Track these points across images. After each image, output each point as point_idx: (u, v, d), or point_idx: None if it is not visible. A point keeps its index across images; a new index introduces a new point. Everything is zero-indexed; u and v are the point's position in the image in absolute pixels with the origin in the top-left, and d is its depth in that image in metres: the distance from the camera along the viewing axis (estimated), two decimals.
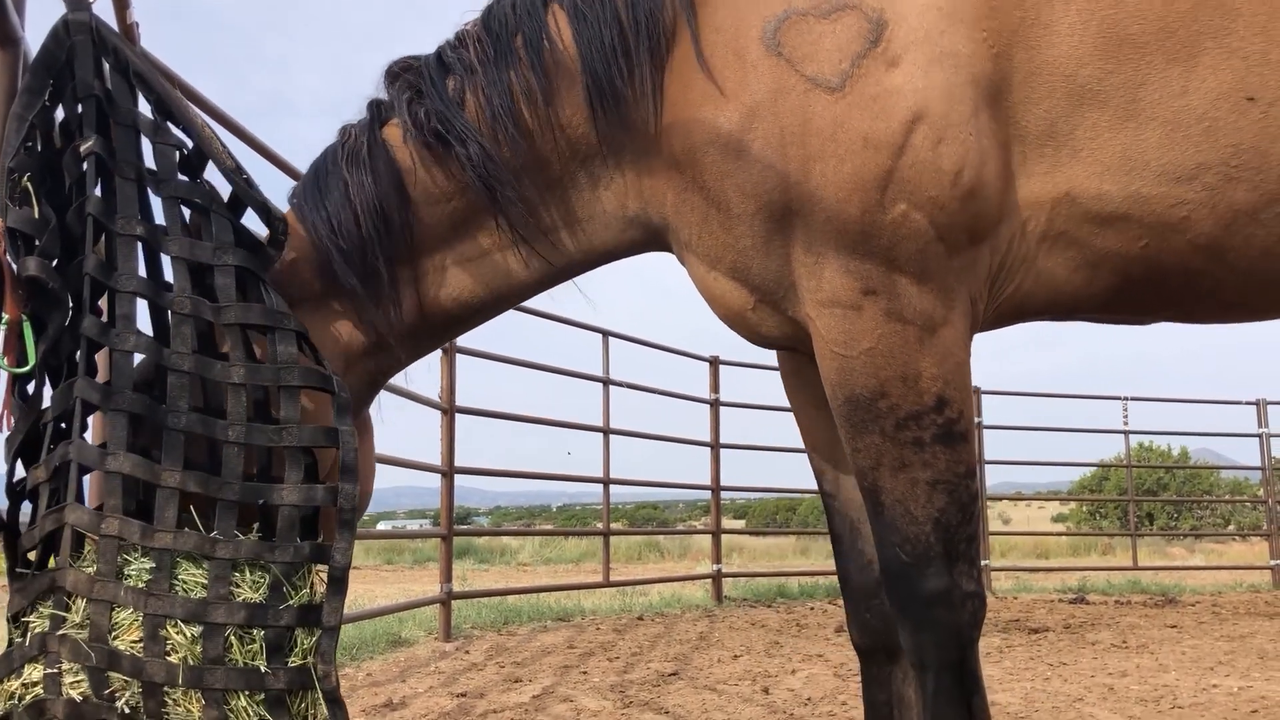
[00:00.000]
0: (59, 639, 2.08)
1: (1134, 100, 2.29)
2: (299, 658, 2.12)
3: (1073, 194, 2.33)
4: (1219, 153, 2.27)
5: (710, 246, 2.47)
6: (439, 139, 2.51)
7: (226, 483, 2.18)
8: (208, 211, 2.32)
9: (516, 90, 2.50)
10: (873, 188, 2.26)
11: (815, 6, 2.34)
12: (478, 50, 2.56)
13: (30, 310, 2.21)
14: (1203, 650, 7.48)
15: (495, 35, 2.56)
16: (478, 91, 2.52)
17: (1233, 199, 2.30)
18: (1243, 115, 2.26)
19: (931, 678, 2.37)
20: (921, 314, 2.30)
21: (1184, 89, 2.27)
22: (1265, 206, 2.30)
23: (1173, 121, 2.28)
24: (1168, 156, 2.29)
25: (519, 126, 2.51)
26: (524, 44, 2.52)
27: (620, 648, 7.72)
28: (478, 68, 2.54)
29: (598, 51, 2.47)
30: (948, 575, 2.33)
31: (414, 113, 2.53)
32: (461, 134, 2.49)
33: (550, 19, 2.54)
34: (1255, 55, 2.25)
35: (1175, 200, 2.30)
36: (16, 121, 2.22)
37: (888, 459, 2.34)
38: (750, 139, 2.33)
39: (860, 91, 2.27)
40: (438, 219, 2.56)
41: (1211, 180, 2.29)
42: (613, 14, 2.48)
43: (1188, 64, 2.27)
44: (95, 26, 2.29)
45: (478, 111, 2.51)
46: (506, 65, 2.52)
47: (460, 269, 2.61)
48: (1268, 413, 14.15)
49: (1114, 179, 2.31)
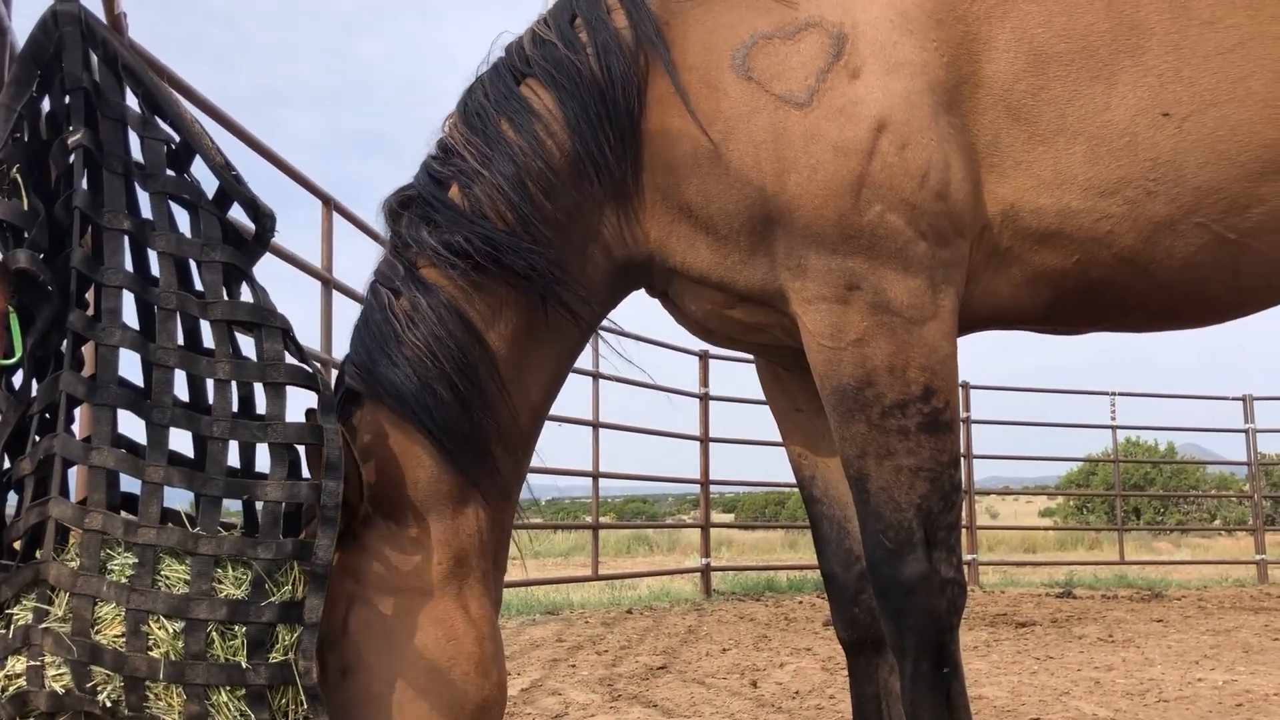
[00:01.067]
0: (42, 632, 2.08)
1: (1062, 115, 2.37)
2: (280, 654, 2.11)
3: (1016, 207, 2.41)
4: (1138, 167, 2.36)
5: (698, 268, 2.52)
6: (492, 261, 2.41)
7: (210, 478, 2.18)
8: (196, 207, 2.31)
9: (529, 184, 2.44)
10: (847, 193, 2.33)
11: (780, 29, 2.41)
12: (472, 154, 2.48)
13: (17, 302, 2.20)
14: (1188, 644, 7.53)
15: (481, 132, 2.50)
16: (494, 198, 2.44)
17: (1152, 212, 2.38)
18: (1159, 130, 2.34)
19: (910, 663, 2.43)
20: (908, 306, 2.36)
21: (1106, 105, 2.36)
22: (1182, 218, 2.39)
23: (1097, 137, 2.36)
24: (1093, 171, 2.38)
25: (546, 219, 2.46)
26: (514, 129, 2.47)
27: (609, 641, 7.73)
28: (482, 172, 2.46)
29: (585, 123, 2.45)
30: (927, 561, 2.39)
31: (450, 244, 2.41)
32: (510, 248, 2.41)
33: (526, 91, 2.52)
34: (1169, 72, 2.34)
35: (1100, 214, 2.40)
36: (4, 112, 2.21)
37: (873, 447, 2.39)
38: (728, 159, 2.40)
39: (827, 104, 2.35)
40: (502, 338, 2.48)
41: (1132, 194, 2.38)
42: (590, 78, 2.46)
43: (1109, 81, 2.36)
44: (84, 18, 2.28)
45: (499, 217, 2.44)
46: (508, 158, 2.45)
47: (534, 371, 2.56)
48: (1254, 408, 14.22)
49: (1049, 194, 2.40)
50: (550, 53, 2.51)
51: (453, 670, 2.34)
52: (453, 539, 2.42)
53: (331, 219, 7.53)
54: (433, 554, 2.40)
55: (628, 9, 2.51)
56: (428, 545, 2.40)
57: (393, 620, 2.34)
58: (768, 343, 2.71)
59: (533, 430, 2.61)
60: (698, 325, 2.75)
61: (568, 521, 24.33)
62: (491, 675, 2.40)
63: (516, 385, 2.51)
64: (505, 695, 2.46)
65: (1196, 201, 2.36)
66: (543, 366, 2.57)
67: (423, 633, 2.34)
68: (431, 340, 2.38)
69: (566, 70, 2.48)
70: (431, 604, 2.37)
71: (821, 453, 2.90)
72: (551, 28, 2.55)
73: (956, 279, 2.43)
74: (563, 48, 2.50)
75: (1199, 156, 2.34)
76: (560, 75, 2.48)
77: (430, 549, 2.41)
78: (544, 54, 2.52)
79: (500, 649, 2.47)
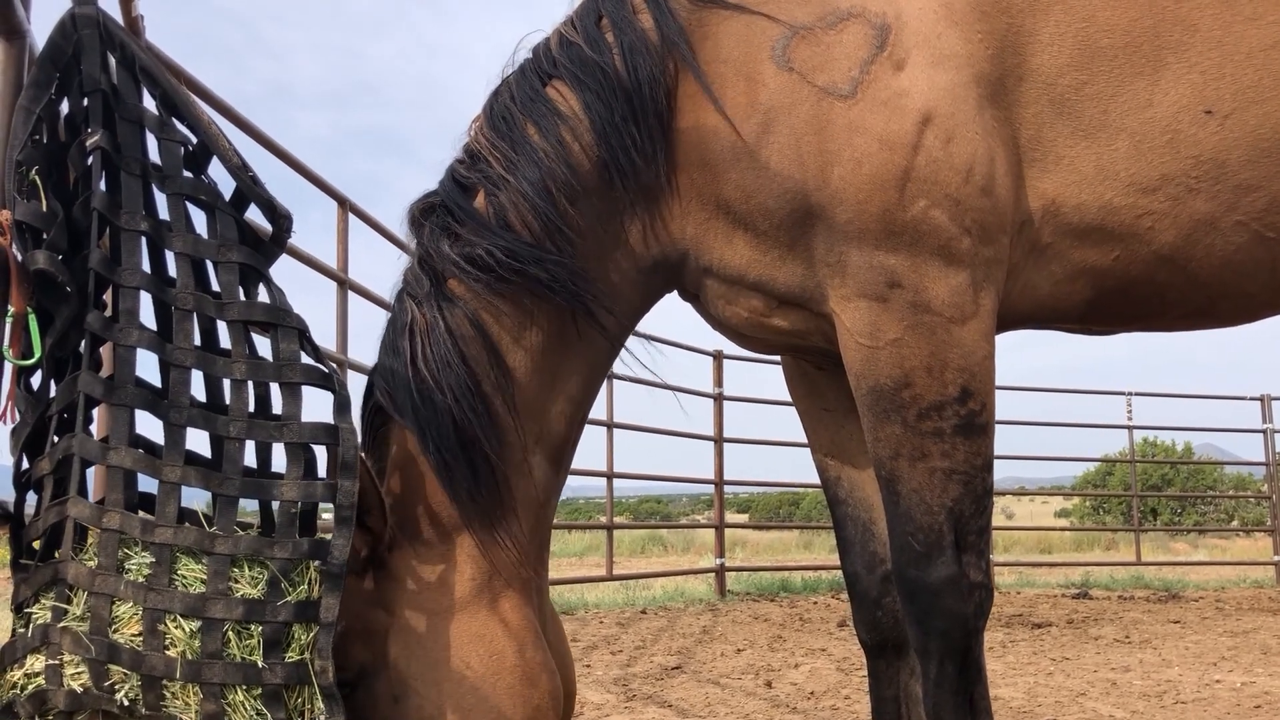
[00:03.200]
0: (60, 630, 2.10)
1: (1106, 111, 2.34)
2: (296, 653, 2.12)
3: (1057, 203, 2.39)
4: (1181, 164, 2.33)
5: (736, 265, 2.48)
6: (515, 273, 2.40)
7: (227, 478, 2.19)
8: (213, 208, 2.32)
9: (554, 191, 2.42)
10: (892, 187, 2.29)
11: (820, 19, 2.37)
12: (497, 160, 2.46)
13: (36, 303, 2.22)
14: (1206, 646, 7.49)
15: (506, 136, 2.47)
16: (519, 205, 2.42)
17: (1193, 209, 2.35)
18: (1202, 127, 2.31)
19: (935, 666, 2.40)
20: (949, 306, 2.33)
21: (1149, 101, 2.33)
22: (1223, 216, 2.36)
23: (1140, 133, 2.34)
24: (1135, 167, 2.35)
25: (571, 226, 2.44)
26: (539, 133, 2.45)
27: (623, 641, 7.74)
28: (507, 178, 2.43)
29: (610, 127, 2.42)
30: (956, 564, 2.36)
31: (472, 257, 2.40)
32: (533, 259, 2.39)
33: (553, 93, 2.49)
34: (1212, 69, 2.31)
35: (1142, 211, 2.36)
36: (23, 114, 2.22)
37: (907, 448, 2.36)
38: (768, 153, 2.36)
39: (872, 96, 2.31)
40: (530, 349, 2.48)
41: (1174, 191, 2.35)
42: (616, 79, 2.43)
43: (1152, 77, 2.33)
44: (102, 21, 2.29)
45: (524, 225, 2.43)
46: (533, 163, 2.43)
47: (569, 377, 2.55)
48: (1272, 408, 14.12)
49: (1090, 189, 2.37)
50: (576, 54, 2.48)
51: (497, 685, 2.36)
52: (482, 554, 2.43)
53: (347, 219, 7.55)
54: (463, 571, 2.42)
55: (652, 9, 2.48)
56: (458, 563, 2.42)
57: (432, 643, 2.36)
58: (805, 346, 2.68)
59: (570, 434, 2.60)
60: (733, 331, 2.71)
61: (582, 522, 24.33)
62: (540, 684, 2.41)
63: (550, 393, 2.52)
64: (559, 700, 2.46)
65: (1237, 199, 2.34)
66: (578, 370, 2.56)
67: (464, 651, 2.36)
68: (441, 367, 2.38)
69: (592, 71, 2.45)
70: (467, 622, 2.39)
71: (848, 454, 2.87)
72: (578, 29, 2.53)
73: (998, 277, 2.40)
74: (588, 49, 2.47)
75: (1241, 154, 2.31)
76: (586, 76, 2.45)
77: (460, 566, 2.42)
78: (570, 55, 2.49)
79: (547, 656, 2.46)
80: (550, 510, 2.61)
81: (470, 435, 2.38)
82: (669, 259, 2.56)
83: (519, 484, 2.49)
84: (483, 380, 2.41)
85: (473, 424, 2.38)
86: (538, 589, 2.56)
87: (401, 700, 2.33)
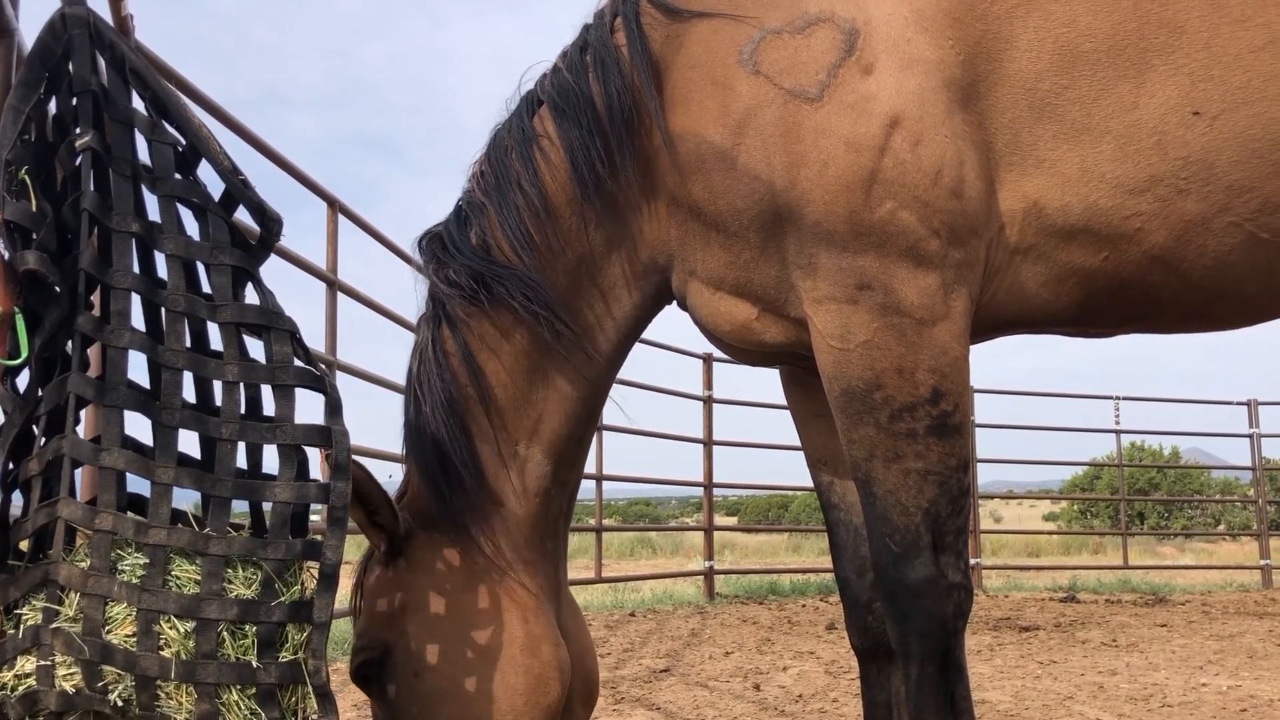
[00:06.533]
0: (52, 632, 2.09)
1: (1089, 114, 2.35)
2: (290, 653, 2.13)
3: (1039, 205, 2.40)
4: (1169, 165, 2.34)
5: (714, 268, 2.55)
6: (484, 289, 2.58)
7: (220, 479, 2.19)
8: (204, 211, 2.31)
9: (521, 210, 2.58)
10: (858, 188, 2.31)
11: (789, 23, 2.41)
12: (480, 188, 2.65)
13: (24, 303, 2.21)
14: (1192, 649, 7.52)
15: (495, 164, 2.65)
16: (494, 228, 2.61)
17: (1183, 210, 2.36)
18: (1190, 129, 2.32)
19: (916, 667, 2.42)
20: (919, 307, 2.35)
21: (1134, 103, 2.34)
22: (1214, 217, 2.36)
23: (1125, 135, 2.35)
24: (1121, 169, 2.36)
25: (538, 242, 2.59)
26: (518, 158, 2.61)
27: (612, 644, 7.74)
28: (487, 203, 2.62)
29: (578, 141, 2.55)
30: (934, 565, 2.38)
31: (448, 278, 2.60)
32: (494, 275, 2.57)
33: (537, 123, 2.64)
34: (1199, 70, 2.32)
35: (1130, 212, 2.37)
36: (12, 114, 2.21)
37: (881, 450, 2.38)
38: (737, 154, 2.40)
39: (839, 99, 2.34)
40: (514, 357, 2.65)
41: (1162, 192, 2.36)
42: (588, 97, 2.57)
43: (1137, 79, 2.34)
44: (92, 21, 2.28)
45: (497, 246, 2.61)
46: (507, 187, 2.60)
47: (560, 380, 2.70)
48: (1259, 413, 14.20)
49: (1074, 190, 2.38)
50: (558, 80, 2.64)
51: (501, 655, 2.54)
52: (488, 539, 2.62)
53: (337, 221, 7.54)
54: (469, 556, 2.61)
55: (625, 27, 2.58)
56: (466, 548, 2.61)
57: (444, 622, 2.56)
58: (791, 355, 2.70)
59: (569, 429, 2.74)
60: (722, 342, 2.77)
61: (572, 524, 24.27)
62: (541, 652, 2.57)
63: (535, 394, 2.68)
64: (565, 668, 2.62)
65: (1229, 200, 2.34)
66: (563, 371, 2.69)
67: (470, 627, 2.56)
68: (425, 380, 2.61)
69: (568, 95, 2.59)
70: (474, 600, 2.58)
71: (839, 459, 2.87)
72: (565, 58, 2.67)
73: (970, 280, 2.41)
74: (568, 74, 2.62)
75: (1231, 155, 2.31)
76: (563, 101, 2.59)
77: (466, 551, 2.61)
78: (554, 82, 2.65)
79: (551, 625, 2.64)
80: (554, 498, 2.76)
81: (446, 447, 2.58)
82: (658, 264, 2.66)
83: (507, 478, 2.66)
84: (461, 390, 2.61)
85: (445, 433, 2.58)
86: (555, 567, 2.79)
87: (420, 675, 2.52)
